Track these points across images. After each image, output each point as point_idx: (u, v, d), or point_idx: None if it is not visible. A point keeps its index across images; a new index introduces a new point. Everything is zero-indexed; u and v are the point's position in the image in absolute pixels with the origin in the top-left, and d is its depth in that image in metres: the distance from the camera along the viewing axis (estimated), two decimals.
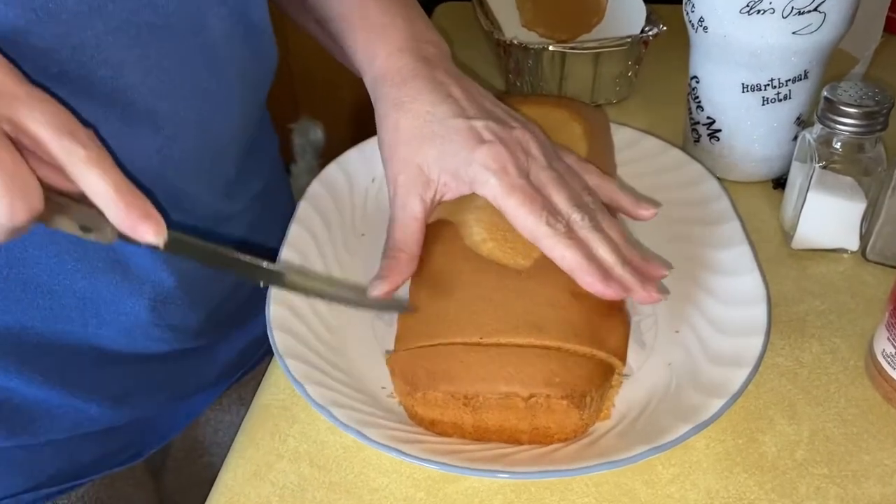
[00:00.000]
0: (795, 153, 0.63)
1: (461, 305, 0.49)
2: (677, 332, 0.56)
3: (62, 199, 0.41)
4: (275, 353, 0.52)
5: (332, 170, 0.69)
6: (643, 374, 0.53)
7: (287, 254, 0.60)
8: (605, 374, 0.47)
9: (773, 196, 0.69)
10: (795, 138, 0.68)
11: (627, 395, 0.52)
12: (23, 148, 0.39)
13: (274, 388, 0.56)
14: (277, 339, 0.53)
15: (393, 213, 0.55)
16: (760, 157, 0.69)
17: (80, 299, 0.56)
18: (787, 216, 0.64)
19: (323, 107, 1.81)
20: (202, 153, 0.58)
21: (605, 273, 0.49)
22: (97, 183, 0.39)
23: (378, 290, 0.52)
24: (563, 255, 0.49)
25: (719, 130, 0.69)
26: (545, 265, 0.51)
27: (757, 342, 0.51)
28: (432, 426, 0.50)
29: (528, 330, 0.47)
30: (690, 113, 0.71)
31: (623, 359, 0.49)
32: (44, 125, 0.38)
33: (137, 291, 0.58)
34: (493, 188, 0.51)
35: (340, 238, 0.64)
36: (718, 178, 0.64)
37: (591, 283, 0.49)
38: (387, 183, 0.57)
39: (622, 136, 0.70)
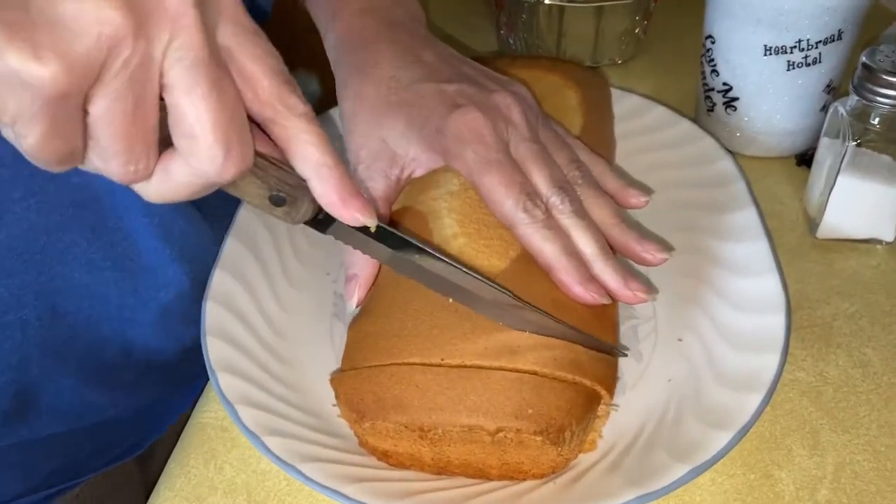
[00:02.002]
0: (825, 128, 0.54)
1: (419, 317, 0.42)
2: (680, 340, 0.48)
3: (259, 160, 0.33)
4: (207, 367, 0.45)
5: None
6: (638, 392, 0.45)
7: (231, 243, 0.52)
8: (588, 404, 0.39)
9: (796, 175, 0.61)
10: (824, 108, 0.59)
11: (619, 418, 0.44)
12: None
13: (214, 402, 0.49)
14: (211, 348, 0.46)
15: None
16: (783, 129, 0.60)
17: (121, 272, 0.50)
18: (813, 200, 0.56)
19: (320, 58, 1.73)
20: None
21: (584, 273, 0.43)
22: (312, 144, 0.32)
23: (357, 298, 0.45)
24: (541, 248, 0.42)
25: (737, 99, 0.60)
26: (523, 267, 0.43)
27: (772, 361, 0.43)
28: (386, 457, 0.42)
29: (499, 350, 0.39)
30: (704, 78, 0.62)
31: (611, 389, 0.41)
32: (264, 65, 0.31)
33: (179, 257, 0.52)
34: (467, 162, 0.44)
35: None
36: (734, 156, 0.56)
37: (568, 284, 0.42)
38: (347, 158, 0.50)
39: (625, 105, 0.62)
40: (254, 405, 0.43)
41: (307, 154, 0.33)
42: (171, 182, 0.31)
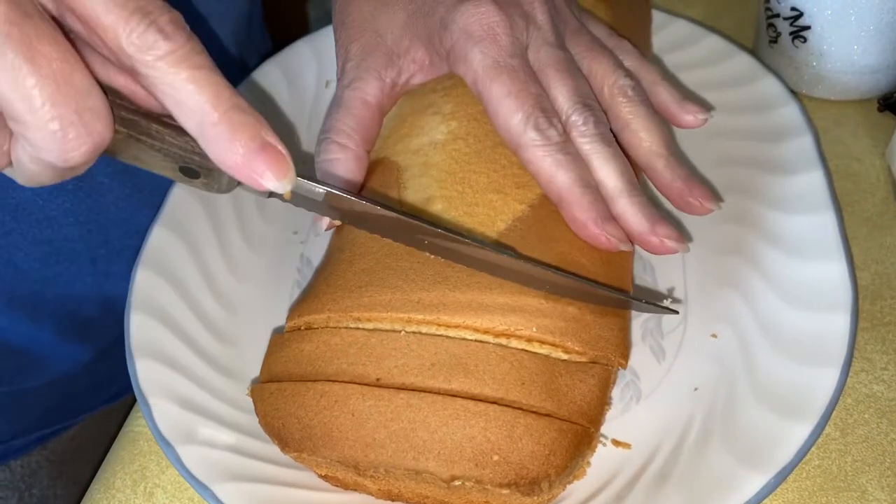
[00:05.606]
0: None
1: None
2: (714, 336, 0.38)
3: (148, 125, 0.27)
4: (126, 351, 0.37)
5: (269, 70, 0.52)
6: (654, 403, 0.37)
7: (178, 191, 0.44)
8: (575, 449, 0.30)
9: (878, 123, 0.49)
10: None
11: (627, 435, 0.35)
12: (74, 39, 0.25)
13: None
14: (134, 323, 0.38)
15: (338, 93, 0.40)
16: (864, 66, 0.48)
17: (85, 225, 0.46)
18: None
19: None
20: None
21: (602, 209, 0.34)
22: (188, 94, 0.25)
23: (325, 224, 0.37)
24: (552, 175, 0.35)
25: (807, 28, 0.48)
26: (511, 243, 0.34)
27: (828, 378, 0.33)
28: (326, 478, 0.34)
29: (450, 369, 0.30)
30: (767, 2, 0.50)
31: (596, 421, 0.31)
32: (103, 1, 0.24)
33: (148, 203, 0.48)
34: (472, 65, 0.36)
35: None
36: (801, 101, 0.45)
37: (581, 221, 0.34)
38: (336, 56, 0.42)
39: (669, 32, 0.51)
40: (175, 399, 0.35)
41: (183, 108, 0.25)
42: (24, 169, 0.26)
